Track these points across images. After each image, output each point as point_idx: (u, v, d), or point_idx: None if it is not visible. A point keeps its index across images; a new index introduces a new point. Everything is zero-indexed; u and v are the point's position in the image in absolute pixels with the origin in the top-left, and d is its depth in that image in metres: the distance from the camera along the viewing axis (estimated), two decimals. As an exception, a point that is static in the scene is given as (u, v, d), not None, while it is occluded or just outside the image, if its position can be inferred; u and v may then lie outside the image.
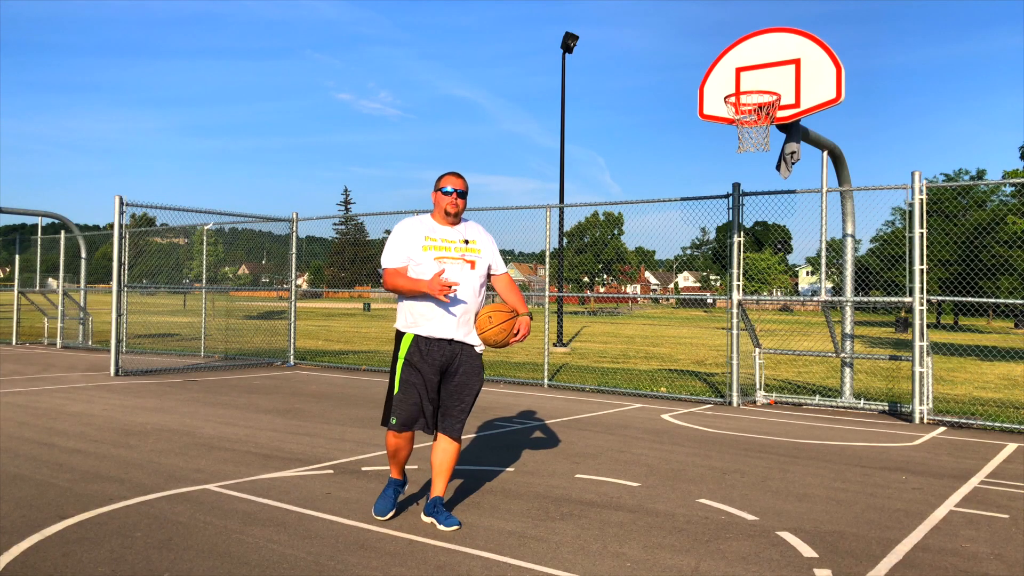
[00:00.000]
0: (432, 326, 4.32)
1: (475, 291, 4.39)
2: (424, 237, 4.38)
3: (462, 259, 4.38)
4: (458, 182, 4.45)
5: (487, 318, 4.31)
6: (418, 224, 4.46)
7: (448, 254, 4.35)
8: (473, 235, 4.50)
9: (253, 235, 16.55)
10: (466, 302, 4.35)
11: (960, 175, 43.51)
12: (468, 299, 4.35)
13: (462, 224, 4.53)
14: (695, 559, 3.93)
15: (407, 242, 4.39)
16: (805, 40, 8.61)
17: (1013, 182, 11.15)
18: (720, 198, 10.20)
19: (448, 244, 4.39)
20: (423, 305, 4.32)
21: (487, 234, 4.61)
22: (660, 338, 25.64)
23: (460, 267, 4.35)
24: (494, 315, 4.33)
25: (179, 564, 3.69)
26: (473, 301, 4.38)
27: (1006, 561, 4.01)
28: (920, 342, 8.72)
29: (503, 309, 4.38)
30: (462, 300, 4.33)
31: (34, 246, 19.81)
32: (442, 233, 4.43)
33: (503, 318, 4.35)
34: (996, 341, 26.48)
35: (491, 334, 4.31)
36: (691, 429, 8.00)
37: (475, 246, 4.44)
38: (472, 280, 4.38)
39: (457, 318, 4.33)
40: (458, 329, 4.35)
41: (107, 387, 10.49)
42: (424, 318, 4.33)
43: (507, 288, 4.62)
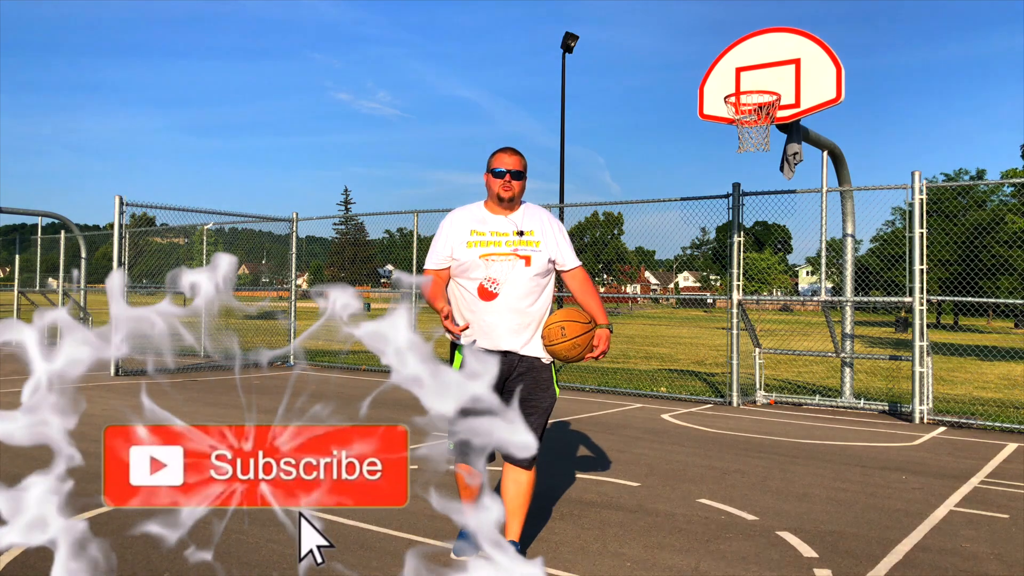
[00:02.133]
0: (481, 334, 3.62)
1: (532, 292, 3.64)
2: (470, 231, 3.66)
3: (514, 255, 3.63)
4: (512, 160, 3.70)
5: (559, 330, 3.57)
6: (465, 214, 3.74)
7: (497, 250, 3.62)
8: (531, 223, 3.72)
9: (253, 235, 16.56)
10: (521, 307, 3.60)
11: (960, 175, 43.51)
12: (523, 303, 3.60)
13: (519, 211, 3.76)
14: (695, 559, 3.93)
15: (450, 237, 3.68)
16: (805, 40, 8.61)
17: (1013, 182, 11.16)
18: (720, 198, 10.19)
19: (498, 237, 3.65)
20: (467, 311, 3.66)
21: (552, 221, 3.80)
22: (660, 338, 25.64)
23: (511, 265, 3.61)
24: (568, 327, 3.57)
25: (179, 564, 3.69)
26: (531, 305, 3.63)
27: (1006, 561, 4.01)
28: (920, 342, 8.72)
29: (579, 319, 3.62)
30: (516, 305, 3.59)
31: (34, 246, 19.81)
32: (493, 224, 3.69)
33: (578, 331, 3.58)
34: (996, 341, 26.47)
35: (562, 349, 3.57)
36: (691, 429, 8.00)
37: (532, 237, 3.68)
38: (527, 280, 3.62)
39: (512, 327, 3.60)
40: (514, 338, 3.60)
41: (107, 387, 10.49)
42: (474, 326, 3.64)
43: (583, 290, 3.83)
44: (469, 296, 3.63)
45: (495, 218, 3.71)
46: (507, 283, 3.57)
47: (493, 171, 3.70)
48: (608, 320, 3.71)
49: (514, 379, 3.61)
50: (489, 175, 3.72)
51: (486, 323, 3.60)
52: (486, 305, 3.59)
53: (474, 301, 3.61)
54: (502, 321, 3.58)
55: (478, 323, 3.61)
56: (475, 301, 3.61)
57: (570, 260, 3.78)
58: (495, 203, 3.73)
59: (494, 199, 3.72)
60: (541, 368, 3.67)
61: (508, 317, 3.58)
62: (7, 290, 20.67)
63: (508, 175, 3.66)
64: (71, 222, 18.80)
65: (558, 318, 3.61)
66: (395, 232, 52.19)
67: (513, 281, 3.59)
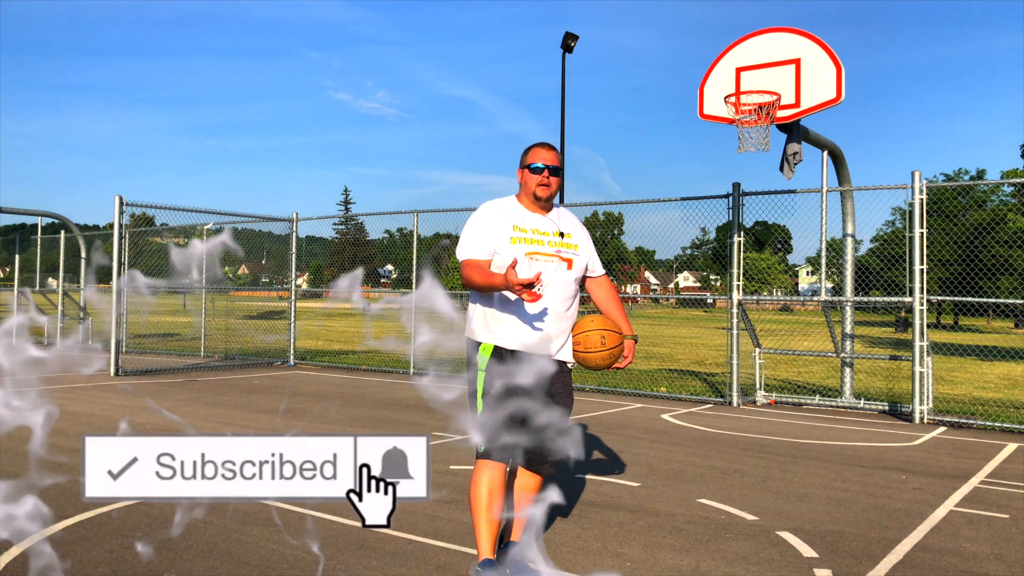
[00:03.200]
0: (518, 338, 3.42)
1: (571, 296, 3.52)
2: (512, 226, 3.45)
3: (558, 256, 3.47)
4: (550, 155, 3.51)
5: (599, 338, 3.45)
6: (503, 209, 3.52)
7: (542, 249, 3.45)
8: (568, 227, 3.58)
9: (253, 235, 16.55)
10: (562, 310, 3.47)
11: (960, 175, 43.51)
12: (564, 306, 3.48)
13: (554, 212, 3.59)
14: (695, 559, 3.93)
15: (493, 230, 3.44)
16: (805, 40, 8.61)
17: (1013, 182, 11.14)
18: (720, 198, 10.20)
19: (541, 236, 3.48)
20: (505, 311, 3.42)
21: (582, 226, 3.70)
22: (660, 338, 25.63)
23: (556, 267, 3.44)
24: (608, 336, 3.47)
25: (179, 564, 3.69)
26: (569, 309, 3.51)
27: (1006, 561, 4.01)
28: (920, 342, 8.72)
29: (616, 328, 3.52)
30: (558, 308, 3.45)
31: (34, 246, 19.81)
32: (533, 222, 3.50)
33: (615, 341, 3.49)
34: (996, 341, 26.47)
35: (598, 357, 3.47)
36: (691, 429, 8.00)
37: (572, 240, 3.55)
38: (568, 283, 3.49)
39: (553, 330, 3.45)
40: (552, 342, 3.46)
41: (107, 387, 10.49)
42: (506, 328, 3.43)
43: (609, 298, 3.72)
44: (511, 295, 3.36)
45: (534, 216, 3.52)
46: (550, 285, 3.40)
47: (530, 167, 3.49)
48: (633, 331, 3.63)
49: (547, 384, 3.40)
50: (525, 171, 3.51)
51: (527, 325, 3.41)
52: (530, 306, 3.39)
53: (516, 301, 3.37)
54: (543, 323, 3.42)
55: (515, 325, 3.41)
56: (517, 301, 3.37)
57: (599, 267, 3.72)
58: (531, 201, 3.52)
59: (530, 196, 3.51)
60: (567, 373, 3.59)
61: (549, 320, 3.43)
62: (7, 290, 20.67)
63: (547, 171, 3.47)
64: (71, 222, 18.80)
65: (597, 325, 3.49)
66: (395, 232, 52.27)
67: (556, 283, 3.43)
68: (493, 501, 3.39)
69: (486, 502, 3.38)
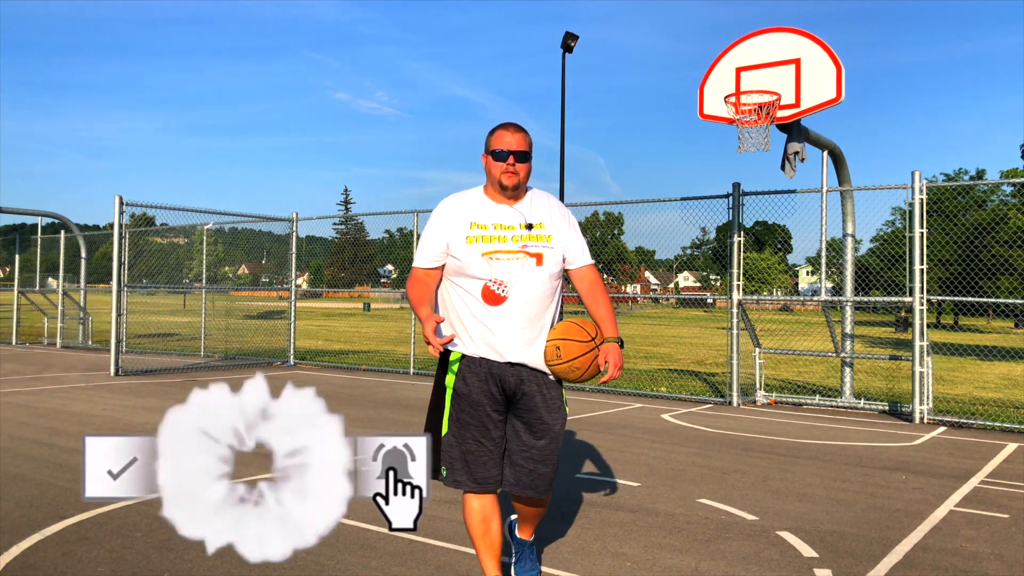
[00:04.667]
0: (484, 344, 3.06)
1: (545, 296, 3.09)
2: (470, 223, 3.09)
3: (524, 252, 3.06)
4: (516, 138, 3.09)
5: (552, 349, 3.04)
6: (462, 203, 3.15)
7: (503, 247, 3.05)
8: (540, 215, 3.15)
9: (253, 235, 16.56)
10: (532, 313, 3.05)
11: (960, 175, 43.52)
12: (534, 309, 3.05)
13: (525, 199, 3.17)
14: (695, 559, 3.93)
15: (445, 231, 3.10)
16: (805, 40, 8.61)
17: (1013, 182, 11.16)
18: (720, 198, 10.20)
19: (504, 231, 3.08)
20: (468, 316, 3.08)
21: (562, 209, 3.23)
22: (660, 338, 25.63)
23: (520, 264, 3.04)
24: (564, 347, 3.03)
25: (179, 564, 3.69)
26: (543, 311, 3.09)
27: (1006, 561, 4.01)
28: (920, 342, 8.72)
29: (578, 336, 3.06)
30: (527, 311, 3.04)
31: (34, 246, 19.82)
32: (496, 215, 3.11)
33: (576, 351, 3.03)
34: (996, 341, 26.48)
35: (559, 371, 3.07)
36: (691, 429, 8.00)
37: (543, 231, 3.11)
38: (540, 282, 3.07)
39: (522, 336, 3.05)
40: (524, 349, 3.06)
41: (107, 387, 10.49)
42: (472, 333, 3.08)
43: (591, 294, 3.23)
44: (471, 300, 3.06)
45: (498, 208, 3.12)
46: (516, 286, 3.02)
47: (493, 152, 3.08)
48: (618, 332, 3.15)
49: (521, 397, 3.09)
50: (488, 157, 3.11)
51: (492, 331, 3.04)
52: (492, 310, 3.03)
53: (477, 305, 3.05)
54: (511, 329, 3.03)
55: (480, 331, 3.06)
56: (478, 305, 3.04)
57: (579, 257, 3.21)
58: (497, 190, 3.13)
59: (495, 186, 3.12)
60: (551, 385, 3.13)
61: (519, 324, 3.03)
62: (7, 290, 20.67)
63: (512, 157, 3.06)
64: (71, 222, 18.81)
65: (553, 335, 3.08)
66: (395, 232, 52.29)
67: (523, 283, 3.03)
68: (489, 526, 3.16)
69: (481, 530, 3.16)
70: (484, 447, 3.09)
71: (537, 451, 3.11)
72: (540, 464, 3.12)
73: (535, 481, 3.13)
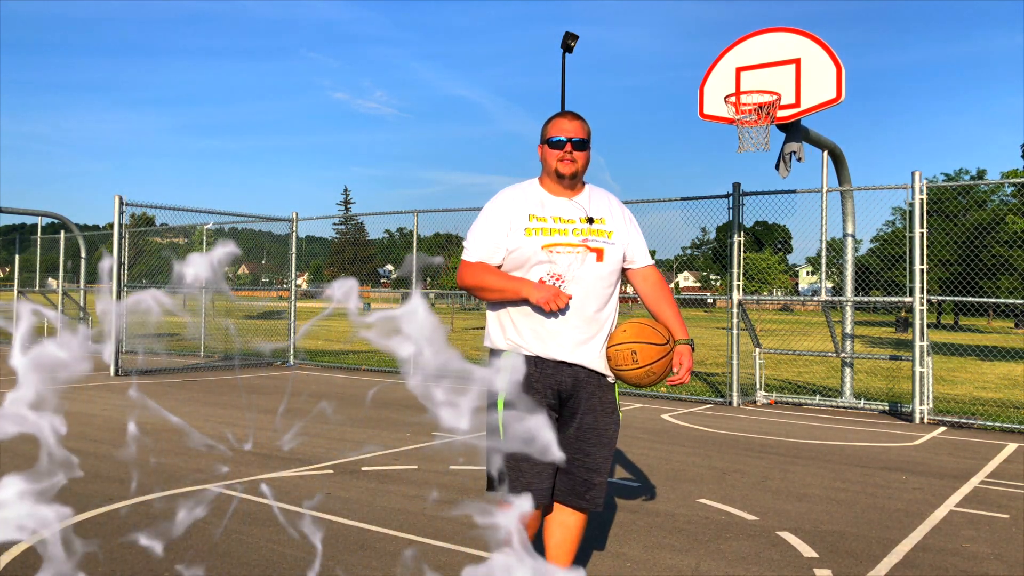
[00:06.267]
0: (538, 343, 2.89)
1: (603, 293, 2.94)
2: (528, 215, 2.93)
3: (584, 246, 2.90)
4: (574, 125, 2.96)
5: (628, 354, 2.86)
6: (520, 195, 3.00)
7: (564, 240, 2.90)
8: (601, 209, 3.01)
9: (253, 235, 16.56)
10: (591, 309, 2.91)
11: (960, 175, 43.52)
12: (594, 305, 2.91)
13: (584, 192, 3.03)
14: (695, 559, 3.93)
15: (504, 223, 2.93)
16: (805, 40, 8.62)
17: (1013, 182, 11.17)
18: (720, 198, 10.20)
19: (564, 224, 2.93)
20: (521, 315, 2.91)
21: (622, 207, 3.11)
22: (660, 338, 25.61)
23: (582, 260, 2.89)
24: (641, 351, 2.86)
25: (179, 564, 3.69)
26: (601, 309, 2.93)
27: (1006, 561, 4.01)
28: (920, 342, 8.72)
29: (653, 339, 2.89)
30: (585, 308, 2.89)
31: (34, 246, 19.82)
32: (555, 207, 2.96)
33: (654, 355, 2.87)
34: (996, 341, 26.47)
35: (633, 376, 2.89)
36: (691, 429, 8.00)
37: (604, 226, 2.97)
38: (599, 278, 2.92)
39: (578, 335, 2.89)
40: (579, 349, 2.88)
41: (107, 387, 10.49)
42: (529, 331, 2.90)
43: (657, 295, 3.09)
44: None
45: (556, 200, 2.97)
46: (575, 281, 2.87)
47: (550, 140, 2.96)
48: (689, 334, 3.01)
49: (576, 400, 2.92)
50: (545, 147, 2.99)
51: (546, 330, 2.88)
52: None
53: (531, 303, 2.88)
54: (567, 328, 2.87)
55: (534, 330, 2.90)
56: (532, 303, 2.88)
57: (642, 256, 3.08)
58: (554, 181, 2.98)
59: (552, 176, 2.97)
60: (606, 388, 2.97)
61: (575, 323, 2.88)
62: (7, 290, 20.68)
63: (569, 144, 2.92)
64: (71, 222, 18.81)
65: (628, 337, 2.89)
66: (395, 232, 52.29)
67: (582, 279, 2.88)
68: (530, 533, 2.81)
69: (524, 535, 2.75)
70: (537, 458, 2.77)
71: (592, 459, 2.93)
72: (595, 473, 2.93)
73: (589, 491, 2.94)
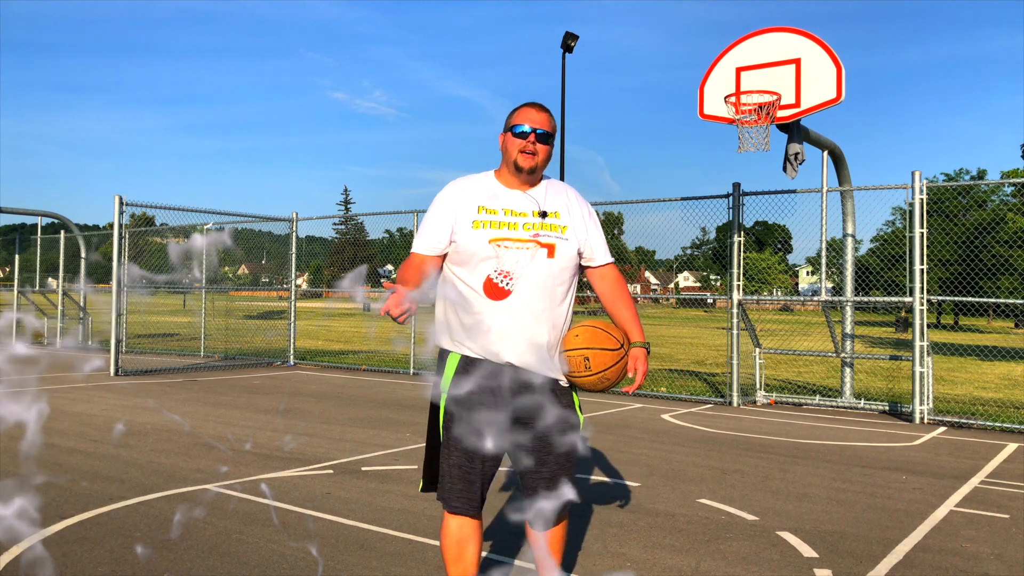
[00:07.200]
0: (484, 344, 2.74)
1: (555, 292, 2.78)
2: (478, 206, 2.80)
3: (535, 242, 2.76)
4: (540, 117, 2.82)
5: (581, 360, 2.74)
6: (471, 185, 2.86)
7: (512, 234, 2.75)
8: (557, 204, 2.87)
9: (253, 235, 16.57)
10: (539, 310, 2.75)
11: (960, 175, 43.52)
12: (542, 305, 2.75)
13: (541, 186, 2.89)
14: (695, 559, 3.93)
15: (451, 214, 2.80)
16: (805, 40, 8.61)
17: (1013, 182, 11.14)
18: (720, 198, 10.20)
19: (515, 218, 2.79)
20: (467, 313, 2.77)
21: (581, 201, 2.95)
22: (660, 338, 25.63)
23: (531, 254, 2.74)
24: (593, 357, 2.74)
25: (179, 564, 3.69)
26: (552, 308, 2.78)
27: (1006, 561, 4.01)
28: (920, 342, 8.72)
29: (607, 344, 2.77)
30: (534, 307, 2.74)
31: (34, 246, 19.83)
32: (507, 200, 2.82)
33: (607, 361, 2.75)
34: (996, 341, 26.47)
35: (586, 383, 2.79)
36: (691, 429, 8.00)
37: (558, 220, 2.83)
38: (550, 275, 2.77)
39: (528, 336, 2.73)
40: (530, 352, 2.74)
41: (107, 387, 10.49)
42: (476, 331, 2.75)
43: (614, 294, 2.95)
44: (471, 293, 2.75)
45: (510, 193, 2.84)
46: (523, 278, 2.72)
47: (513, 129, 2.81)
48: (644, 336, 2.88)
49: (529, 405, 2.76)
50: (508, 135, 2.84)
51: (493, 329, 2.72)
52: (494, 306, 2.73)
53: (478, 300, 2.73)
54: (515, 328, 2.72)
55: (480, 329, 2.74)
56: (479, 300, 2.73)
57: (601, 254, 2.93)
58: (511, 173, 2.84)
59: (510, 167, 2.83)
60: (562, 392, 2.82)
61: (523, 323, 2.73)
62: (7, 290, 20.68)
63: (533, 135, 2.79)
64: (71, 222, 18.80)
65: (580, 343, 2.77)
66: (395, 232, 52.31)
67: (532, 276, 2.73)
68: (464, 550, 2.80)
69: (455, 553, 2.80)
70: (475, 463, 2.76)
71: (552, 467, 2.79)
72: (554, 483, 2.80)
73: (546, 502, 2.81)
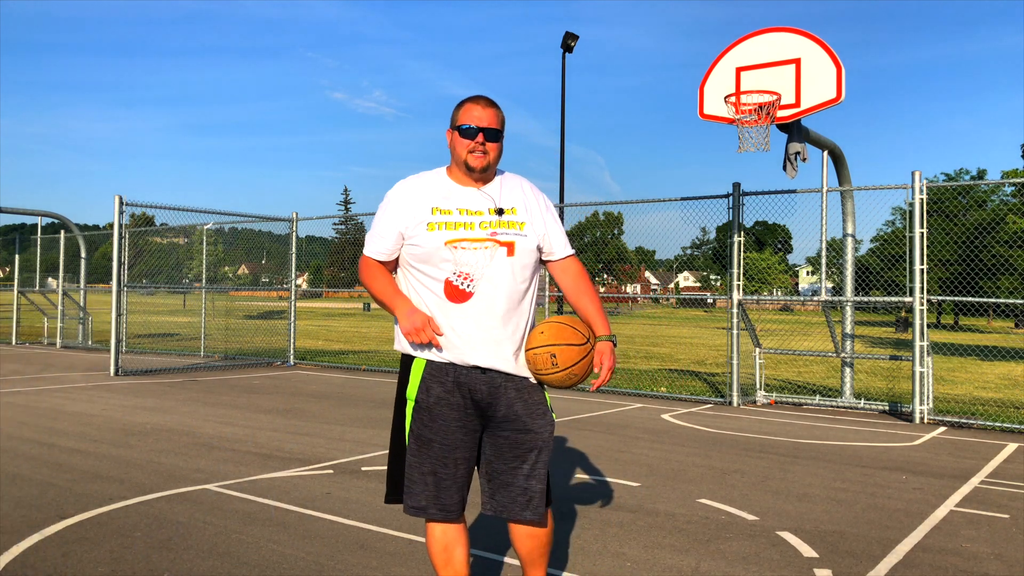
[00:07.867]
0: (452, 346, 2.69)
1: (518, 290, 2.73)
2: (431, 207, 2.72)
3: (493, 241, 2.69)
4: (487, 113, 2.72)
5: (547, 358, 2.67)
6: (422, 185, 2.78)
7: (470, 234, 2.68)
8: (513, 199, 2.79)
9: (253, 235, 16.57)
10: (502, 310, 2.69)
11: (960, 175, 43.53)
12: (505, 305, 2.69)
13: (495, 181, 2.81)
14: (695, 559, 3.93)
15: (402, 215, 2.73)
16: (805, 40, 8.61)
17: (1013, 182, 11.14)
18: (720, 198, 10.20)
19: (471, 217, 2.71)
20: (433, 313, 2.72)
21: (537, 194, 2.88)
22: (660, 338, 25.62)
23: (490, 255, 2.68)
24: (560, 353, 2.67)
25: (179, 564, 3.69)
26: (515, 307, 2.73)
27: (1006, 561, 4.01)
28: (920, 342, 8.72)
29: (572, 340, 2.71)
30: (497, 307, 2.68)
31: (34, 246, 19.83)
32: (461, 199, 2.74)
33: (574, 357, 2.69)
34: (996, 341, 26.47)
35: (554, 380, 2.72)
36: (691, 429, 8.00)
37: (516, 217, 2.75)
38: (511, 274, 2.71)
39: (492, 337, 2.68)
40: (495, 352, 2.69)
41: (107, 387, 10.49)
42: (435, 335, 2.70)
43: (577, 287, 2.89)
44: (431, 296, 2.71)
45: (464, 191, 2.75)
46: (484, 279, 2.67)
47: (460, 128, 2.72)
48: (610, 329, 2.83)
49: (497, 407, 2.71)
50: (454, 133, 2.75)
51: (456, 332, 2.68)
52: (456, 309, 2.67)
53: (439, 303, 2.69)
54: (479, 330, 2.67)
55: (444, 333, 2.70)
56: (440, 303, 2.69)
57: (561, 247, 2.86)
58: (463, 171, 2.75)
59: (460, 166, 2.74)
60: (531, 389, 2.76)
61: (487, 325, 2.67)
62: (7, 290, 20.68)
63: (481, 135, 2.69)
64: (71, 222, 18.81)
65: (545, 340, 2.70)
66: (395, 232, 52.14)
67: (492, 276, 2.68)
68: (452, 555, 2.78)
69: (443, 559, 2.78)
70: (448, 468, 2.70)
71: (528, 467, 2.73)
72: (532, 480, 2.73)
73: (531, 502, 2.73)
